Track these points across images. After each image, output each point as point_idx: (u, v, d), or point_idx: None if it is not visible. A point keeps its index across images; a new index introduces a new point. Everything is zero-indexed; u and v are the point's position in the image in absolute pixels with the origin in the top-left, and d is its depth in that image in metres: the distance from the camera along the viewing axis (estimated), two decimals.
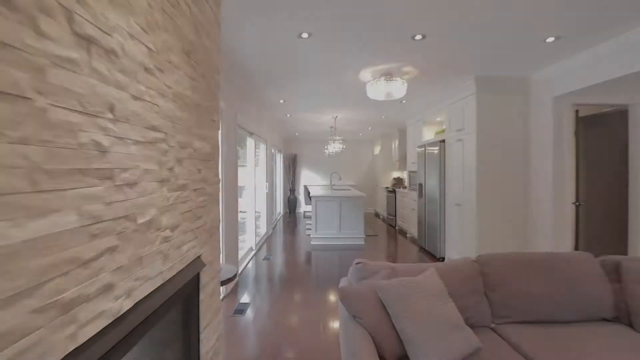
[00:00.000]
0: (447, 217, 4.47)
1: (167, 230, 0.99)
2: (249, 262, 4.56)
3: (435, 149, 4.70)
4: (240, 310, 2.88)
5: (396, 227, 7.30)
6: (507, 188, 3.73)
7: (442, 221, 4.55)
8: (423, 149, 5.15)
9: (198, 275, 1.25)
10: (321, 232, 5.68)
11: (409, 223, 6.26)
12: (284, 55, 3.02)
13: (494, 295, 1.91)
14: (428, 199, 4.98)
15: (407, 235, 6.40)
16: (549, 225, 3.41)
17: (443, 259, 4.59)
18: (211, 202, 1.44)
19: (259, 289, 3.48)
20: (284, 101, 4.96)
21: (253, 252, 5.03)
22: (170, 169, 1.02)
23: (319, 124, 7.16)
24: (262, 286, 3.60)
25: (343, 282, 2.03)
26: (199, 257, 1.26)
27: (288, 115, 6.17)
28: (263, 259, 4.72)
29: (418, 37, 2.56)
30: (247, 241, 5.13)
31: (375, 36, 2.57)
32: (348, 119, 6.60)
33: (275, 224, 7.74)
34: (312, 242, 5.70)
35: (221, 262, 3.19)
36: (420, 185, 5.33)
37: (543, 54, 2.97)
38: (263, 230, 6.19)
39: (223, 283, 1.71)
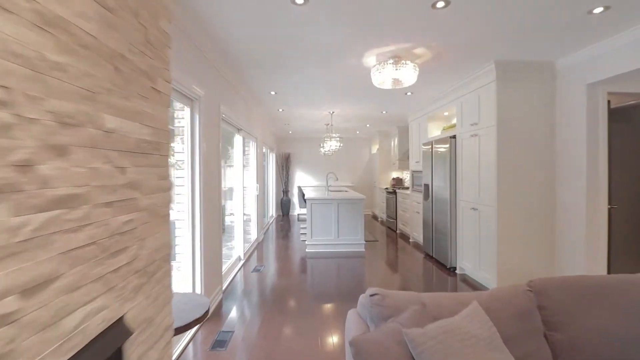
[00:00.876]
0: (458, 223, 4.00)
1: (12, 299, 0.47)
2: (236, 275, 4.02)
3: (444, 147, 4.22)
4: (222, 341, 2.35)
5: (397, 231, 6.83)
6: (532, 190, 3.27)
7: (453, 227, 4.08)
8: (429, 146, 4.68)
9: (119, 351, 0.74)
10: (317, 238, 5.17)
11: (412, 227, 5.79)
12: (273, 32, 2.50)
13: (558, 336, 1.42)
14: (436, 202, 4.50)
15: (410, 240, 5.93)
16: (581, 232, 2.95)
17: (454, 270, 4.11)
18: (151, 222, 0.92)
19: (246, 312, 2.96)
20: (275, 93, 4.44)
21: (241, 262, 4.50)
22: (22, 167, 0.50)
23: (313, 120, 6.65)
24: (250, 306, 3.07)
25: (351, 319, 1.52)
26: (119, 320, 0.74)
27: (280, 110, 5.65)
28: (252, 271, 4.19)
29: (440, 4, 2.06)
30: (236, 249, 4.59)
31: (386, 4, 2.08)
32: (345, 115, 6.10)
33: (267, 228, 7.20)
34: (307, 250, 5.18)
35: (195, 288, 2.67)
36: (427, 186, 4.85)
37: (582, 31, 2.51)
38: (253, 235, 5.65)
39: (184, 329, 1.19)
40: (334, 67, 3.33)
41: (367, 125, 7.45)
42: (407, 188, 6.89)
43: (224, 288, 3.45)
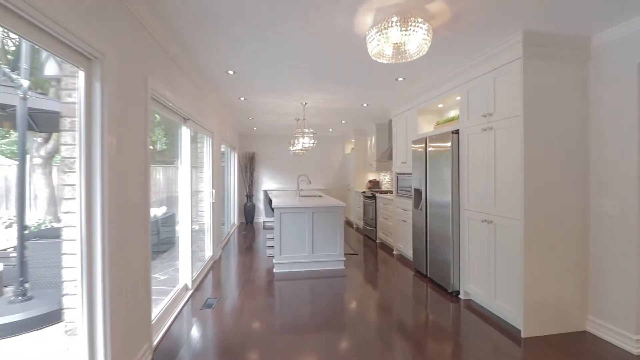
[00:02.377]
0: (463, 237, 3.26)
1: None
2: (179, 314, 2.96)
3: (443, 145, 3.48)
4: None
5: (376, 240, 6.06)
6: (569, 200, 2.59)
7: (456, 242, 3.34)
8: (422, 145, 3.93)
9: None
10: (287, 255, 4.22)
11: (397, 237, 5.04)
12: None
13: None
14: (431, 211, 3.75)
15: (394, 253, 5.17)
16: (631, 255, 2.31)
17: (457, 294, 3.37)
18: None
19: None
20: (233, 72, 3.44)
21: (189, 293, 3.43)
22: None
23: (282, 114, 5.69)
24: None
25: None
26: None
27: (242, 99, 4.63)
28: (203, 306, 3.15)
29: None
30: (182, 274, 3.52)
31: None
32: (319, 108, 5.22)
33: (228, 241, 6.11)
34: (275, 270, 4.21)
35: (96, 356, 1.60)
36: (418, 191, 4.10)
37: None
38: (208, 253, 4.58)
39: None
40: (311, 28, 2.42)
41: (343, 122, 6.63)
42: (387, 192, 6.15)
43: (155, 344, 2.39)
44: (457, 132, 3.34)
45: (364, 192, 6.71)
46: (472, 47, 2.75)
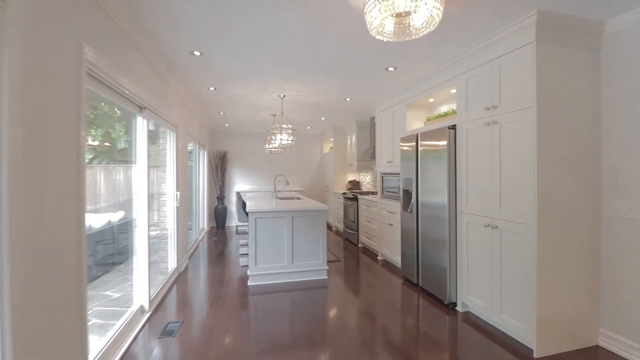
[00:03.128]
0: (461, 244, 2.96)
1: None
2: (129, 347, 2.40)
3: (437, 142, 3.17)
4: None
5: (358, 245, 5.71)
6: (579, 201, 2.33)
7: (452, 249, 3.03)
8: (413, 142, 3.60)
9: None
10: (264, 265, 3.74)
11: (382, 242, 4.70)
12: None
13: None
14: (423, 214, 3.43)
15: (379, 258, 4.84)
16: None
17: (453, 306, 3.06)
18: None
19: None
20: (201, 54, 2.92)
21: (146, 316, 2.87)
22: None
23: (257, 108, 5.19)
24: None
25: None
26: None
27: (212, 89, 4.09)
28: (162, 334, 2.61)
29: None
30: (136, 294, 2.94)
31: None
32: (299, 102, 4.78)
33: (195, 249, 5.50)
34: (250, 282, 3.72)
35: None
36: (407, 192, 3.78)
37: None
38: (171, 264, 4.00)
39: None
40: (300, 1, 1.99)
41: (322, 119, 6.23)
42: (369, 193, 5.83)
43: None
44: (453, 127, 3.03)
45: (344, 193, 6.34)
46: (479, 28, 2.43)
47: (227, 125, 6.94)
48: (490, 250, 2.61)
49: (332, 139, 7.71)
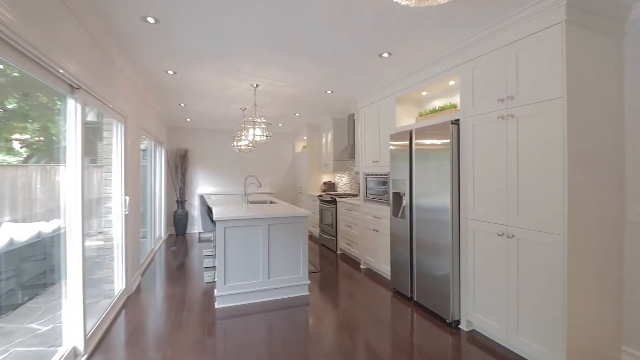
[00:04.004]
0: (466, 254, 2.61)
1: None
2: None
3: (437, 139, 2.81)
4: None
5: (337, 251, 5.28)
6: (605, 205, 2.06)
7: (455, 260, 2.68)
8: (406, 141, 3.23)
9: None
10: (235, 283, 3.16)
11: (366, 249, 4.30)
12: None
13: None
14: (420, 220, 3.06)
15: (362, 267, 4.43)
16: None
17: (457, 324, 2.71)
18: None
19: None
20: (155, 20, 2.29)
21: None
22: None
23: (225, 99, 4.56)
24: None
25: None
26: None
27: (171, 73, 3.42)
28: None
29: None
30: (68, 333, 2.24)
31: None
32: (274, 94, 4.24)
33: (150, 262, 4.73)
34: (218, 304, 3.11)
35: None
36: (398, 196, 3.40)
37: None
38: (118, 285, 3.27)
39: None
40: None
41: (297, 115, 5.72)
42: (347, 195, 5.42)
43: None
44: (457, 122, 2.69)
45: (320, 195, 5.88)
46: (496, 6, 2.09)
47: (188, 120, 6.17)
48: (505, 262, 2.28)
49: (305, 138, 7.23)
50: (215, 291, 3.13)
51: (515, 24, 2.17)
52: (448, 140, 2.68)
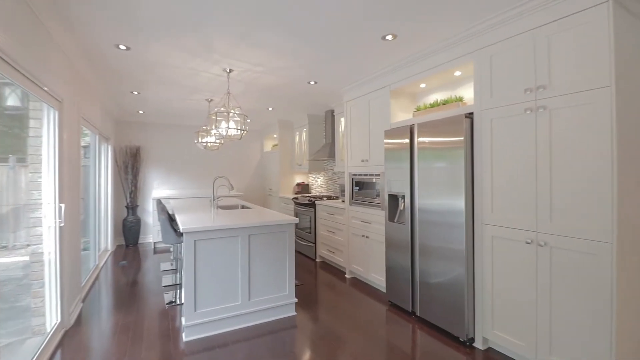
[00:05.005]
0: (482, 263, 2.33)
1: None
2: None
3: (446, 135, 2.50)
4: None
5: (316, 259, 4.84)
6: None
7: (469, 270, 2.39)
8: (405, 137, 2.89)
9: None
10: (208, 308, 2.58)
11: (352, 257, 3.92)
12: None
13: None
14: (424, 224, 2.74)
15: (347, 276, 4.04)
16: None
17: (471, 342, 2.42)
18: None
19: None
20: None
21: None
22: None
23: (190, 87, 3.90)
24: None
25: None
26: None
27: (123, 48, 2.73)
28: None
29: None
30: None
31: None
32: (249, 83, 3.69)
33: (94, 283, 3.90)
34: (186, 337, 2.51)
35: None
36: (394, 198, 3.06)
37: None
38: (51, 317, 2.53)
39: None
40: None
41: (270, 109, 5.19)
42: (325, 197, 5.01)
43: None
44: (470, 115, 2.40)
45: (295, 198, 5.39)
46: None
47: (141, 112, 5.33)
48: (534, 273, 2.02)
49: (275, 135, 6.70)
50: (183, 320, 2.52)
51: (548, 3, 1.91)
52: (462, 137, 2.38)
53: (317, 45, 2.66)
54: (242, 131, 3.22)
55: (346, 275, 4.06)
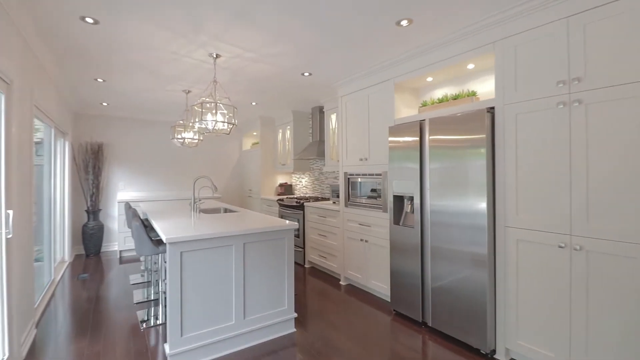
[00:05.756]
0: (505, 268, 2.17)
1: None
2: None
3: (463, 132, 2.32)
4: None
5: (305, 265, 4.54)
6: None
7: (490, 276, 2.22)
8: (414, 134, 2.69)
9: None
10: (197, 331, 2.20)
11: (348, 262, 3.67)
12: None
13: None
14: (437, 226, 2.54)
15: (341, 283, 3.78)
16: None
17: (492, 354, 2.24)
18: None
19: None
20: None
21: None
22: None
23: (167, 75, 3.45)
24: None
25: None
26: None
27: (91, 22, 2.27)
28: None
29: None
30: None
31: None
32: (235, 72, 3.32)
33: (49, 302, 3.32)
34: None
35: None
36: (400, 199, 2.85)
37: None
38: None
39: None
40: None
41: (253, 104, 4.80)
42: (312, 199, 4.73)
43: None
44: (492, 110, 2.24)
45: (280, 199, 5.05)
46: None
47: (105, 104, 4.73)
48: (567, 279, 1.87)
49: (255, 133, 6.31)
50: (167, 347, 2.12)
51: None
52: (483, 135, 2.20)
53: (321, 29, 2.37)
54: (232, 125, 2.85)
55: (341, 282, 3.80)
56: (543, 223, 1.97)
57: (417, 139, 2.65)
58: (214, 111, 2.80)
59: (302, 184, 5.76)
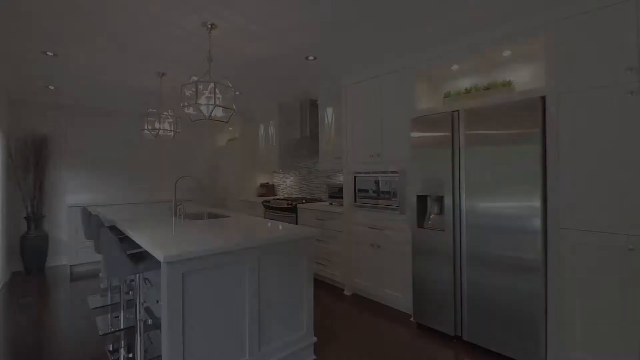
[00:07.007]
0: (559, 273, 1.96)
1: None
2: None
3: (510, 125, 2.08)
4: None
5: None
6: None
7: (542, 284, 2.00)
8: (444, 132, 2.41)
9: None
10: None
11: (354, 270, 3.32)
12: None
13: None
14: (477, 228, 2.28)
15: (346, 293, 3.42)
16: None
17: None
18: None
19: None
20: None
21: None
22: None
23: (141, 50, 2.82)
24: None
25: None
26: None
27: None
28: None
29: None
30: None
31: None
32: (232, 51, 2.80)
33: None
34: None
35: None
36: (423, 199, 2.56)
37: None
38: None
39: None
40: None
41: (237, 94, 4.25)
42: (304, 200, 4.32)
43: None
44: (543, 98, 2.01)
45: (265, 201, 4.55)
46: None
47: (52, 87, 3.87)
48: (638, 285, 1.69)
49: (230, 128, 5.72)
50: None
51: None
52: (537, 128, 1.97)
53: (341, 4, 1.98)
54: (232, 111, 2.35)
55: (345, 292, 3.43)
56: (606, 223, 1.78)
57: (449, 133, 2.37)
58: (208, 91, 2.28)
59: (287, 184, 5.30)
